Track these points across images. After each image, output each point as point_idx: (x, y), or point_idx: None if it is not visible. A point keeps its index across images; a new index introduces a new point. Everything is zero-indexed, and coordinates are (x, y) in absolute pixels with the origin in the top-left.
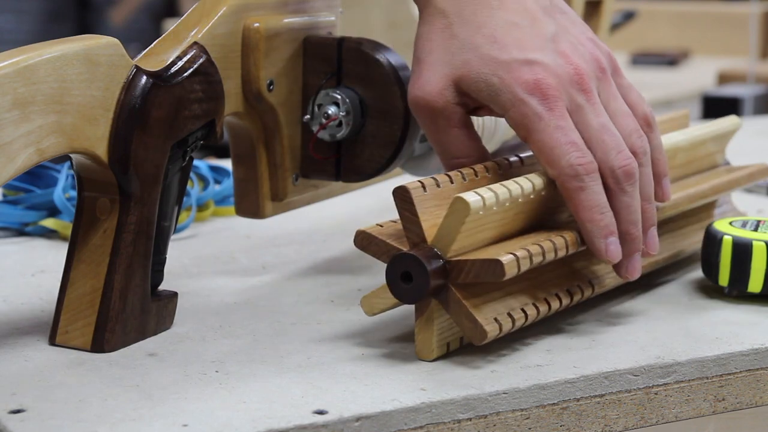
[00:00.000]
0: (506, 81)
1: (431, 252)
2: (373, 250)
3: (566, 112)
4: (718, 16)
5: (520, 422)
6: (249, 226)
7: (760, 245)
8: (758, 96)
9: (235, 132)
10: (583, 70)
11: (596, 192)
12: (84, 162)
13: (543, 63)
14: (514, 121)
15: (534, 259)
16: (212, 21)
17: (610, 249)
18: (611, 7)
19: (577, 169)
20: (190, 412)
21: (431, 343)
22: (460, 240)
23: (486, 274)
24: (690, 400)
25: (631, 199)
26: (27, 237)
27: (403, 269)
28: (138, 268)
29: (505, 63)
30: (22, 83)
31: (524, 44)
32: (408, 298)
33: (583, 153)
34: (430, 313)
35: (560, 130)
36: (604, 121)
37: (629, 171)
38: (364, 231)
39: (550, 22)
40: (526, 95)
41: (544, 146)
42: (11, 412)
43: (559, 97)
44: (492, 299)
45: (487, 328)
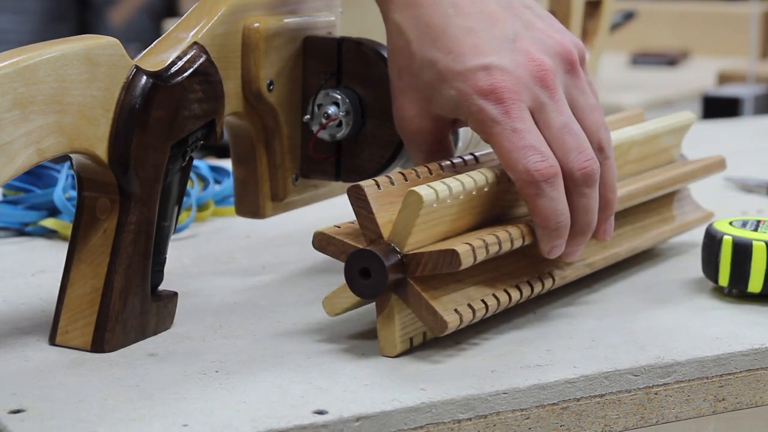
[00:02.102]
0: (463, 91)
1: (388, 247)
2: (332, 250)
3: (526, 113)
4: (718, 16)
5: (520, 422)
6: (249, 226)
7: (760, 245)
8: (758, 96)
9: (235, 132)
10: (547, 66)
11: (552, 198)
12: (84, 162)
13: (500, 66)
14: (475, 128)
15: (490, 249)
16: (212, 21)
17: (553, 251)
18: (611, 7)
19: (534, 174)
20: (190, 412)
21: (394, 339)
22: (416, 234)
23: (443, 265)
24: (690, 400)
25: (588, 201)
26: (27, 237)
27: (361, 265)
28: (138, 268)
29: (460, 73)
30: (22, 83)
31: (480, 49)
32: (367, 293)
33: (543, 155)
34: (391, 309)
35: (517, 134)
36: (566, 120)
37: (588, 173)
38: (322, 232)
39: (511, 20)
40: (481, 101)
41: (502, 150)
42: (11, 412)
43: (517, 98)
44: (451, 291)
45: (447, 319)
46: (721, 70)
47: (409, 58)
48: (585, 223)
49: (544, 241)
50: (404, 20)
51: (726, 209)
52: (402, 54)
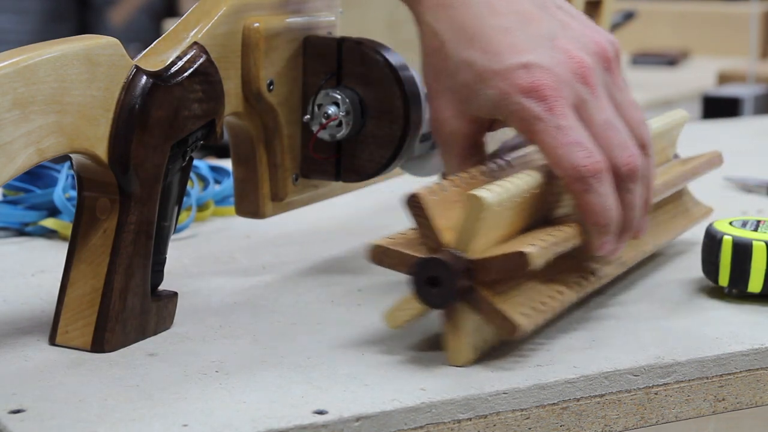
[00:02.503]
0: (503, 90)
1: (454, 254)
2: (389, 262)
3: (569, 110)
4: (718, 16)
5: (520, 422)
6: (249, 226)
7: (760, 245)
8: (758, 96)
9: (235, 132)
10: (586, 63)
11: (601, 194)
12: (84, 162)
13: (539, 63)
14: (517, 127)
15: (553, 249)
16: (212, 21)
17: (603, 248)
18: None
19: (581, 170)
20: (190, 412)
21: (463, 348)
22: (479, 239)
23: (511, 268)
24: (690, 400)
25: (632, 196)
26: (27, 237)
27: (429, 274)
28: (138, 268)
29: (499, 72)
30: (22, 83)
31: (518, 48)
32: (437, 302)
33: (590, 151)
34: (458, 317)
35: (561, 131)
36: (609, 116)
37: (633, 168)
38: (378, 244)
39: (547, 20)
40: (523, 99)
41: (547, 148)
42: (11, 412)
43: (559, 95)
44: (514, 295)
45: (519, 322)
46: (721, 70)
47: (445, 59)
48: (629, 220)
49: (594, 238)
50: (437, 21)
51: (726, 209)
52: (437, 55)
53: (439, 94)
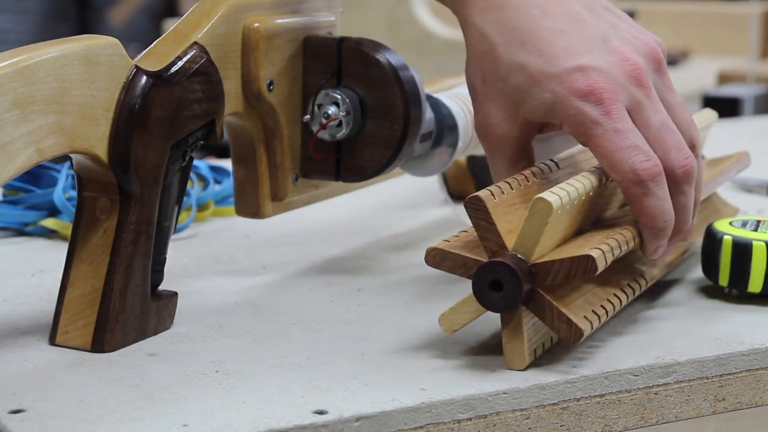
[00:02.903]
0: (559, 93)
1: (517, 257)
2: (448, 265)
3: (625, 113)
4: (718, 16)
5: (520, 422)
6: (249, 226)
7: (760, 245)
8: (758, 96)
9: (235, 132)
10: (640, 65)
11: (659, 198)
12: (84, 162)
13: (595, 66)
14: (573, 131)
15: (615, 251)
16: (212, 21)
17: (657, 252)
18: None
19: (641, 174)
20: (190, 412)
21: (523, 351)
22: (542, 242)
23: (576, 272)
24: (690, 400)
25: (687, 199)
26: (27, 237)
27: (492, 278)
28: (138, 268)
29: (555, 75)
30: (22, 83)
31: (573, 50)
32: (501, 306)
33: (647, 155)
34: (519, 321)
35: (619, 134)
36: (664, 118)
37: (688, 171)
38: (436, 248)
39: (597, 21)
40: (580, 103)
41: (605, 152)
42: (11, 412)
43: (616, 98)
44: (574, 299)
45: (581, 326)
46: (721, 70)
47: (495, 62)
48: (683, 222)
49: (650, 241)
50: (487, 24)
51: None
52: (486, 58)
53: (488, 97)
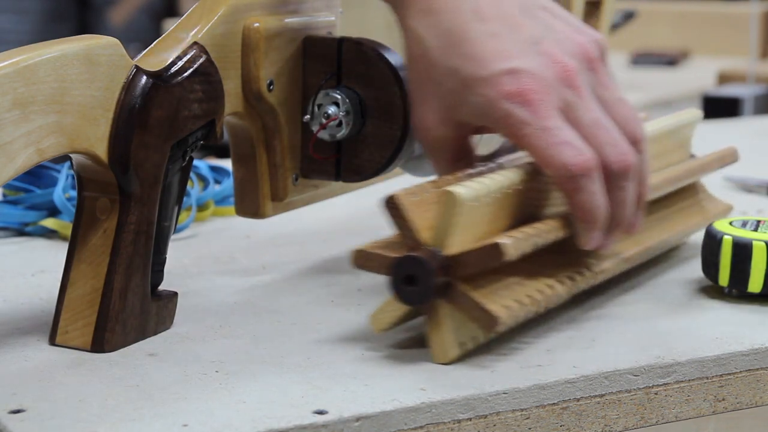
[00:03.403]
0: (489, 97)
1: (430, 251)
2: (372, 266)
3: (555, 111)
4: (718, 16)
5: (520, 422)
6: (249, 226)
7: (760, 245)
8: (758, 96)
9: (235, 132)
10: (570, 66)
11: (592, 192)
12: (84, 162)
13: (525, 69)
14: (505, 133)
15: (531, 240)
16: (212, 21)
17: (591, 243)
18: (611, 7)
19: (572, 169)
20: (190, 412)
21: (446, 345)
22: (456, 235)
23: (486, 260)
24: (690, 400)
25: (626, 194)
26: (27, 237)
27: (406, 273)
28: (138, 268)
29: (485, 79)
30: (22, 83)
31: (505, 53)
32: (415, 300)
33: (579, 149)
34: (439, 314)
35: (548, 132)
36: (597, 115)
37: (626, 166)
38: (359, 249)
39: (531, 23)
40: (509, 105)
41: (536, 150)
42: (11, 412)
43: (544, 99)
44: (497, 289)
45: (498, 314)
46: (721, 70)
47: (430, 65)
48: (622, 216)
49: (583, 233)
50: (422, 27)
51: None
52: (421, 62)
53: (424, 100)
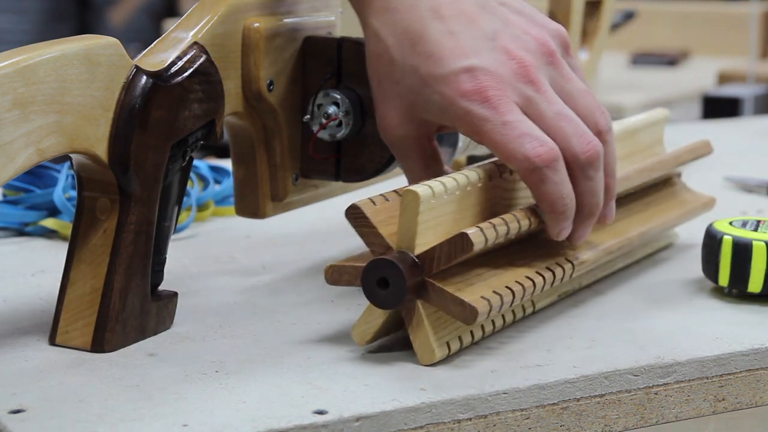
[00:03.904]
0: (447, 95)
1: (400, 253)
2: (346, 279)
3: (514, 106)
4: (718, 16)
5: (520, 422)
6: (249, 226)
7: (760, 245)
8: (758, 96)
9: (235, 132)
10: (527, 61)
11: (556, 183)
12: (84, 162)
13: (482, 66)
14: (465, 131)
15: (498, 229)
16: (212, 21)
17: (561, 234)
18: (611, 7)
19: (534, 161)
20: (190, 412)
21: (430, 344)
22: (422, 234)
23: (456, 252)
24: (690, 400)
25: (594, 183)
26: (27, 237)
27: (378, 277)
28: (138, 268)
29: (443, 77)
30: (22, 83)
31: (462, 51)
32: (391, 302)
33: (540, 141)
34: (418, 315)
35: (508, 126)
36: (559, 108)
37: (592, 156)
38: (332, 265)
39: (488, 19)
40: (467, 103)
41: (498, 145)
42: (11, 412)
43: (502, 95)
44: (473, 283)
45: (475, 305)
46: (721, 70)
47: (389, 64)
48: (592, 206)
49: (551, 224)
50: (381, 26)
51: (726, 209)
52: (381, 60)
53: (385, 98)
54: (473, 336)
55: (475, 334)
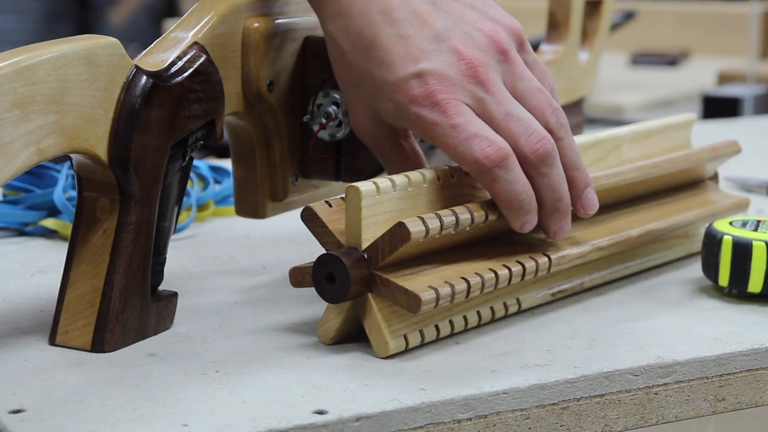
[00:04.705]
0: (399, 102)
1: (348, 248)
2: (309, 281)
3: (463, 108)
4: (718, 16)
5: (520, 422)
6: (249, 226)
7: (760, 245)
8: (758, 96)
9: (235, 132)
10: (476, 62)
11: (508, 181)
12: (84, 162)
13: (431, 70)
14: (420, 135)
15: (444, 219)
16: (212, 21)
17: (525, 227)
18: (611, 7)
19: (484, 162)
20: (190, 412)
21: (383, 337)
22: (369, 229)
23: (396, 242)
24: (690, 400)
25: (551, 180)
26: (27, 237)
27: (326, 272)
28: (138, 268)
29: (394, 84)
30: (22, 83)
31: (412, 56)
32: (338, 296)
33: (489, 141)
34: (370, 308)
35: (458, 128)
36: (508, 108)
37: (543, 153)
38: (294, 267)
39: (440, 17)
40: (417, 109)
41: (449, 148)
42: (11, 412)
43: (451, 98)
44: (426, 274)
45: (419, 293)
46: (721, 70)
47: (348, 69)
48: (555, 201)
49: (511, 219)
50: (336, 31)
51: None
52: (341, 65)
53: (352, 101)
54: (439, 330)
55: (441, 328)
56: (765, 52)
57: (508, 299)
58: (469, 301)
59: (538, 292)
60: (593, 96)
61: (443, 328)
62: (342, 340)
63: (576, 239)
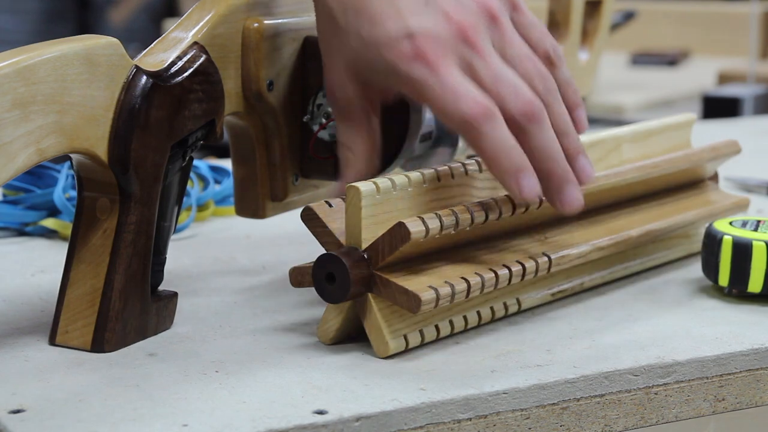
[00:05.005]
0: (389, 60)
1: (348, 248)
2: (309, 281)
3: (454, 68)
4: (718, 16)
5: (520, 422)
6: (249, 226)
7: (760, 245)
8: (758, 96)
9: (235, 132)
10: (466, 24)
11: (494, 137)
12: (84, 162)
13: (422, 29)
14: (409, 95)
15: (444, 219)
16: (212, 21)
17: (522, 185)
18: (611, 7)
19: (468, 118)
20: (190, 412)
21: (383, 337)
22: (369, 229)
23: (396, 242)
24: (690, 400)
25: (541, 141)
26: (27, 237)
27: (326, 272)
28: (138, 268)
29: (385, 42)
30: (22, 83)
31: (402, 14)
32: (337, 296)
33: (475, 99)
34: (370, 308)
35: (446, 87)
36: (497, 71)
37: (530, 112)
38: (294, 267)
39: None
40: (408, 67)
41: (436, 106)
42: (11, 412)
43: (442, 57)
44: (426, 274)
45: (419, 293)
46: (721, 70)
47: (336, 29)
48: (549, 165)
49: (506, 183)
50: None
51: None
52: (328, 26)
53: (331, 62)
54: (439, 330)
55: (441, 328)
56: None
57: (508, 299)
58: (469, 301)
59: (538, 292)
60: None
61: (443, 328)
62: (342, 340)
63: (576, 239)
